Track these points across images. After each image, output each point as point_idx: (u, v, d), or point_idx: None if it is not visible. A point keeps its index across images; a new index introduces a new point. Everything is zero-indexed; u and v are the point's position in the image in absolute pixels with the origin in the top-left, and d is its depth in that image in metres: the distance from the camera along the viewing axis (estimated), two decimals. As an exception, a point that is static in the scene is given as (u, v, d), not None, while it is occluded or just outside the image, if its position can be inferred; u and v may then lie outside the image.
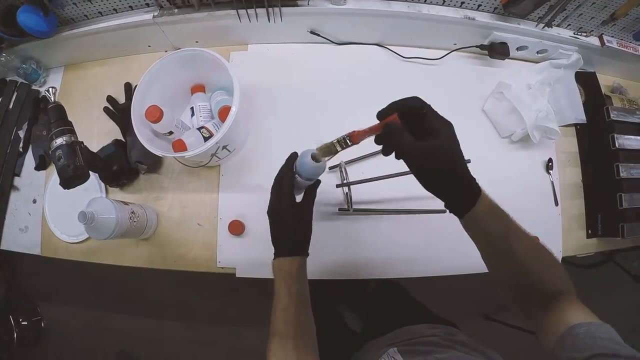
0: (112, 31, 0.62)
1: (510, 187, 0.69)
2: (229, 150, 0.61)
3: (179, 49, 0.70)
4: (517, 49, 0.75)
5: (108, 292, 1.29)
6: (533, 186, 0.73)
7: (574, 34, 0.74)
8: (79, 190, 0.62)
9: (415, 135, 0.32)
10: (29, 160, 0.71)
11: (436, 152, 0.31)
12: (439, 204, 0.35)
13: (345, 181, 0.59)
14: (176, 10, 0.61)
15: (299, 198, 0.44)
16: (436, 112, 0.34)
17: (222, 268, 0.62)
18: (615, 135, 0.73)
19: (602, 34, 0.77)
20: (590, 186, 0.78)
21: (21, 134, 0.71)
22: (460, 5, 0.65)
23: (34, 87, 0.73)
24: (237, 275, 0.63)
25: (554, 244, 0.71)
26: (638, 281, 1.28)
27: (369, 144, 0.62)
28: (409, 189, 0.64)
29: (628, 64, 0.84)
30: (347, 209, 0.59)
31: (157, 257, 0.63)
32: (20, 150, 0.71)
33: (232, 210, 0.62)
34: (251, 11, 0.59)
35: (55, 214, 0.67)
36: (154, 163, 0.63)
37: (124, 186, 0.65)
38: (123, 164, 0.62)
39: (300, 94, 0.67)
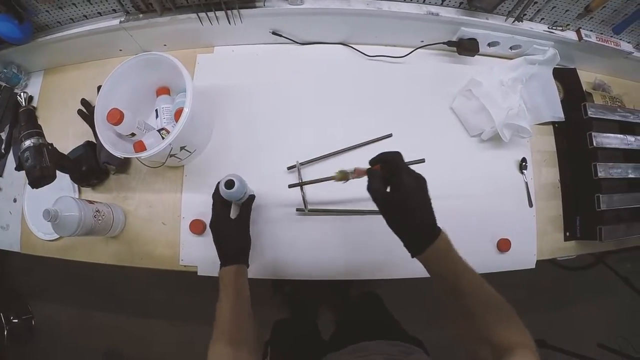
0: (84, 37, 0.64)
1: (482, 188, 0.68)
2: (188, 151, 0.61)
3: (149, 52, 0.76)
4: (489, 45, 0.72)
5: (97, 290, 1.31)
6: (506, 186, 0.70)
7: (549, 28, 0.71)
8: (55, 190, 0.65)
9: (392, 184, 0.38)
10: (11, 161, 0.74)
11: (396, 203, 0.37)
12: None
13: (299, 181, 0.59)
14: (141, 16, 0.62)
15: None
16: (408, 168, 0.38)
17: (185, 266, 0.63)
18: (592, 133, 0.70)
19: (580, 28, 0.73)
20: (568, 187, 0.74)
21: (3, 135, 0.75)
22: (424, 1, 0.63)
23: (15, 91, 0.77)
24: (198, 274, 0.63)
25: (527, 246, 0.68)
26: (628, 283, 1.22)
27: (327, 145, 0.63)
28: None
29: (610, 59, 0.79)
30: (303, 209, 0.59)
31: (125, 255, 0.65)
32: (2, 151, 0.74)
33: (195, 209, 0.62)
34: (211, 14, 0.60)
35: (34, 213, 0.70)
36: (121, 164, 0.65)
37: (95, 186, 0.67)
38: (92, 165, 0.64)
39: (264, 95, 0.67)
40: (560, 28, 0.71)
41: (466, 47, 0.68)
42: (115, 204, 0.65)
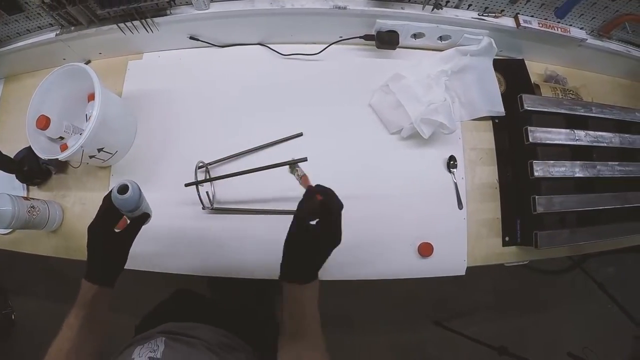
0: (28, 49, 0.69)
1: (404, 188, 0.63)
2: (109, 153, 0.64)
3: (89, 60, 0.78)
4: (414, 36, 0.66)
5: (76, 287, 1.41)
6: (433, 187, 0.64)
7: (479, 15, 0.64)
8: (7, 189, 0.70)
9: (321, 221, 0.38)
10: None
11: (311, 237, 0.37)
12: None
13: (196, 180, 0.57)
14: (72, 28, 0.66)
15: None
16: (331, 219, 0.38)
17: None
18: (529, 128, 0.62)
19: (518, 13, 0.66)
20: (507, 187, 0.67)
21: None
22: None
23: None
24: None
25: (455, 251, 0.62)
26: (603, 289, 1.08)
27: (243, 145, 0.64)
28: (286, 189, 0.61)
29: (563, 48, 0.70)
30: (203, 207, 0.58)
31: (61, 248, 0.68)
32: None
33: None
34: (129, 24, 0.63)
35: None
36: (59, 164, 0.69)
37: (40, 185, 0.71)
38: (33, 166, 0.68)
39: (186, 97, 0.68)
40: (493, 14, 0.65)
41: (384, 40, 0.63)
42: (53, 201, 0.69)
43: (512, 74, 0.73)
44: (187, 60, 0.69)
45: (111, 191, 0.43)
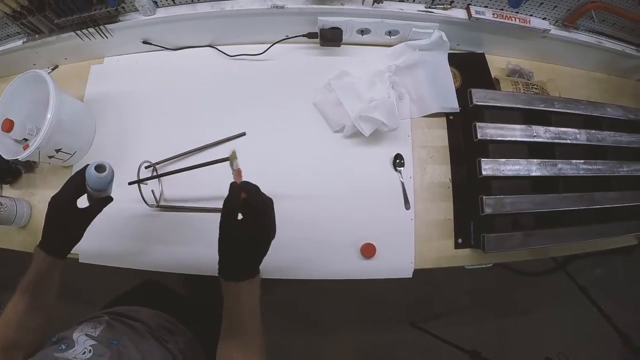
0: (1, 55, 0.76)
1: (348, 187, 0.61)
2: (67, 153, 0.67)
3: (56, 65, 0.81)
4: (361, 32, 0.64)
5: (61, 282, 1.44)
6: (380, 187, 0.61)
7: (426, 7, 0.61)
8: None
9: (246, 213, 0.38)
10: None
11: (232, 239, 0.37)
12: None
13: (138, 178, 0.59)
14: (37, 36, 0.71)
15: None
16: (254, 216, 0.37)
17: (70, 253, 0.71)
18: (477, 124, 0.58)
19: (470, 4, 0.62)
20: (460, 187, 0.63)
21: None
22: None
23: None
24: (80, 261, 0.69)
25: (401, 253, 0.59)
26: (585, 293, 0.99)
27: (184, 146, 0.65)
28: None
29: (525, 40, 0.66)
30: (147, 204, 0.60)
31: (30, 243, 0.71)
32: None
33: (80, 204, 0.70)
34: (85, 31, 0.66)
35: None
36: (26, 164, 0.72)
37: (12, 183, 0.75)
38: (4, 166, 0.74)
39: (143, 99, 0.69)
40: (442, 6, 0.61)
41: (327, 37, 0.61)
42: (21, 199, 0.72)
43: (471, 69, 0.69)
44: (143, 63, 0.70)
45: (86, 168, 0.44)
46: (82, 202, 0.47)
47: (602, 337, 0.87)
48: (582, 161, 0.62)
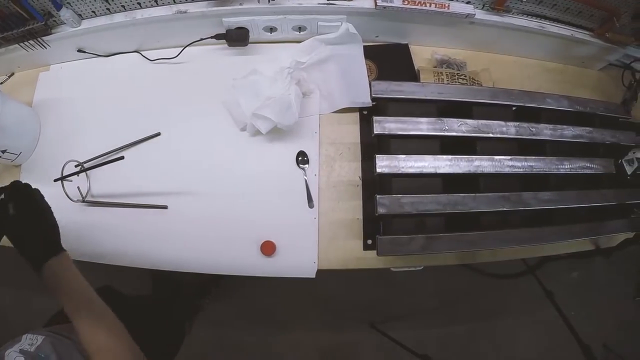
0: None
1: (256, 185, 0.60)
2: (13, 154, 0.75)
3: (12, 73, 0.84)
4: (270, 30, 0.62)
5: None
6: (284, 184, 0.59)
7: (327, 0, 0.59)
8: None
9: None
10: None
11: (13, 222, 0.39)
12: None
13: (62, 175, 0.62)
14: None
15: None
16: (32, 197, 0.42)
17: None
18: (375, 117, 0.54)
19: None
20: (371, 185, 0.59)
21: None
22: (175, 2, 0.59)
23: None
24: None
25: (306, 252, 0.57)
26: (551, 299, 0.87)
27: (111, 146, 0.68)
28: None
29: (450, 27, 0.61)
30: (71, 199, 0.63)
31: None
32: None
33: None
34: (27, 43, 0.74)
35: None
36: None
37: None
38: None
39: (81, 103, 0.73)
40: None
41: (234, 38, 0.60)
42: None
43: (391, 61, 0.64)
44: (82, 69, 0.74)
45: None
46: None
47: (567, 346, 0.76)
48: (507, 157, 0.55)
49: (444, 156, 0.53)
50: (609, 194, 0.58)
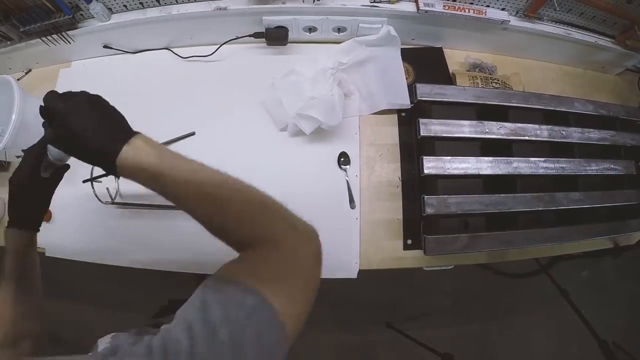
0: None
1: (297, 186, 0.59)
2: None
3: (30, 69, 0.81)
4: (309, 30, 0.62)
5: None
6: (326, 185, 0.59)
7: (372, 2, 0.59)
8: None
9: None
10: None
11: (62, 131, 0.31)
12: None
13: (92, 176, 0.60)
14: (8, 43, 0.76)
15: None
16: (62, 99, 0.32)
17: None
18: (420, 120, 0.55)
19: None
20: (410, 186, 0.60)
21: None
22: None
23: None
24: (46, 255, 0.71)
25: (348, 253, 0.57)
26: (566, 297, 0.92)
27: None
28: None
29: (485, 33, 0.62)
30: (100, 201, 0.61)
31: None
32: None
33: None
34: (50, 37, 0.70)
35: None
36: (1, 164, 0.82)
37: None
38: None
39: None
40: (388, 0, 0.60)
41: (273, 37, 0.60)
42: None
43: (426, 64, 0.65)
44: (106, 66, 0.72)
45: (42, 139, 0.41)
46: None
47: (585, 342, 0.81)
48: (542, 159, 0.58)
49: (486, 158, 0.54)
50: (631, 194, 0.62)
